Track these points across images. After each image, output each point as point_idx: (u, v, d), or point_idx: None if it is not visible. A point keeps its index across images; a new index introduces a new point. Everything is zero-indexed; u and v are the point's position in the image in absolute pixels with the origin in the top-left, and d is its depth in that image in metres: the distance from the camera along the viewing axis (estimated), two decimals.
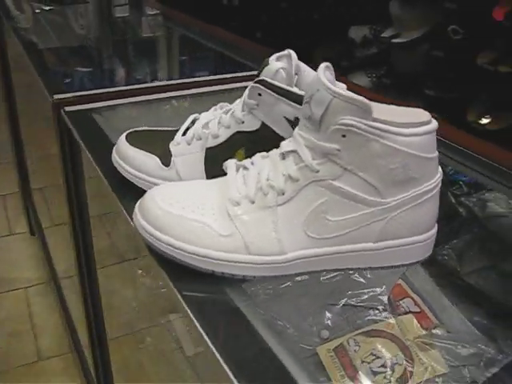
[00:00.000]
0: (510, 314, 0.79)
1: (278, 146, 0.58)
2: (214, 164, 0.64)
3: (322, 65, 0.52)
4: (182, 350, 0.66)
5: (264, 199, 0.53)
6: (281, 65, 0.60)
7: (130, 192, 0.66)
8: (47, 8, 1.82)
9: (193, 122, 0.68)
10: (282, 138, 0.60)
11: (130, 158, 0.66)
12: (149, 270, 0.77)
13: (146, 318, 0.76)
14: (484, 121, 1.50)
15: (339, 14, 2.06)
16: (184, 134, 0.66)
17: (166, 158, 0.65)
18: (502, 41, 1.56)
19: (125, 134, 0.69)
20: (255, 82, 0.60)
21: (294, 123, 0.60)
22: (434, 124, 0.52)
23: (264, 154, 0.57)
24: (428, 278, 0.81)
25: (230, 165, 0.57)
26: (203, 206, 0.54)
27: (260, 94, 0.60)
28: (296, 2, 2.18)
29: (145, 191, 0.65)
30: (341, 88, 0.49)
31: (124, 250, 0.78)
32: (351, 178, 0.51)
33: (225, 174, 0.61)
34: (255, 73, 0.62)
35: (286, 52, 0.63)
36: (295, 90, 0.59)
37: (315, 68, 0.52)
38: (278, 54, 0.62)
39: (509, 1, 1.50)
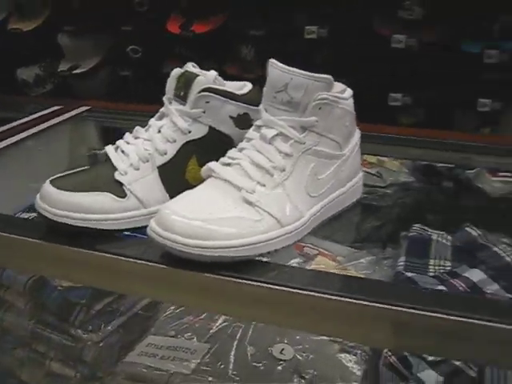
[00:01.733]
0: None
1: (226, 144, 0.67)
2: (171, 179, 0.67)
3: (272, 60, 0.64)
4: None
5: (272, 179, 0.61)
6: (214, 72, 0.67)
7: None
8: None
9: (116, 149, 0.69)
10: (228, 137, 0.69)
11: (78, 204, 0.63)
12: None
13: None
14: None
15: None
16: None
17: (117, 190, 0.65)
18: (182, 49, 1.79)
19: (49, 185, 0.65)
20: (202, 91, 0.66)
21: (236, 119, 0.69)
22: (350, 89, 0.69)
23: (235, 149, 0.65)
24: None
25: (215, 166, 0.63)
26: (222, 205, 0.60)
27: (208, 102, 0.66)
28: None
29: (99, 231, 0.64)
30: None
31: None
32: (326, 141, 0.65)
33: (187, 183, 0.66)
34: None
35: (188, 65, 0.71)
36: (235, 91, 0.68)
37: None
38: (192, 67, 0.69)
39: (181, 13, 1.74)
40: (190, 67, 0.69)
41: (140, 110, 1.11)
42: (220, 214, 0.58)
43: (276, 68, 0.63)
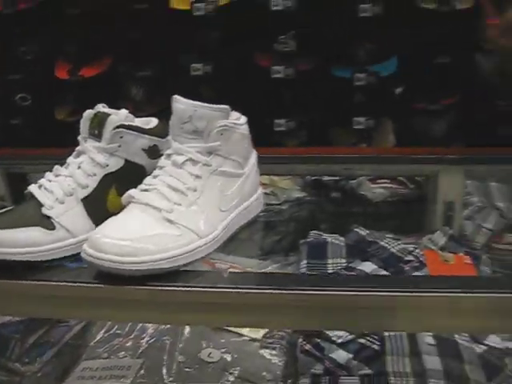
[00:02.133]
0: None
1: (141, 174, 0.75)
2: (94, 209, 0.74)
3: (176, 96, 0.73)
4: None
5: (187, 199, 0.70)
6: (125, 110, 0.75)
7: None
8: None
9: (40, 187, 0.74)
10: (142, 167, 0.77)
11: (12, 240, 0.68)
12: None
13: None
14: None
15: None
16: None
17: (46, 224, 0.71)
18: (71, 96, 1.83)
19: None
20: (116, 128, 0.74)
21: (148, 151, 0.77)
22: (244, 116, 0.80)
23: (150, 176, 0.73)
24: None
25: (135, 192, 0.71)
26: (146, 225, 0.67)
27: (122, 137, 0.74)
28: None
29: (32, 262, 0.69)
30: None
31: None
32: (229, 162, 0.75)
33: (109, 212, 0.73)
34: None
35: (99, 106, 0.78)
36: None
37: None
38: (102, 108, 0.77)
39: (67, 59, 1.79)
40: (101, 108, 0.77)
41: (43, 154, 1.16)
42: (145, 233, 0.66)
43: (180, 103, 0.72)
